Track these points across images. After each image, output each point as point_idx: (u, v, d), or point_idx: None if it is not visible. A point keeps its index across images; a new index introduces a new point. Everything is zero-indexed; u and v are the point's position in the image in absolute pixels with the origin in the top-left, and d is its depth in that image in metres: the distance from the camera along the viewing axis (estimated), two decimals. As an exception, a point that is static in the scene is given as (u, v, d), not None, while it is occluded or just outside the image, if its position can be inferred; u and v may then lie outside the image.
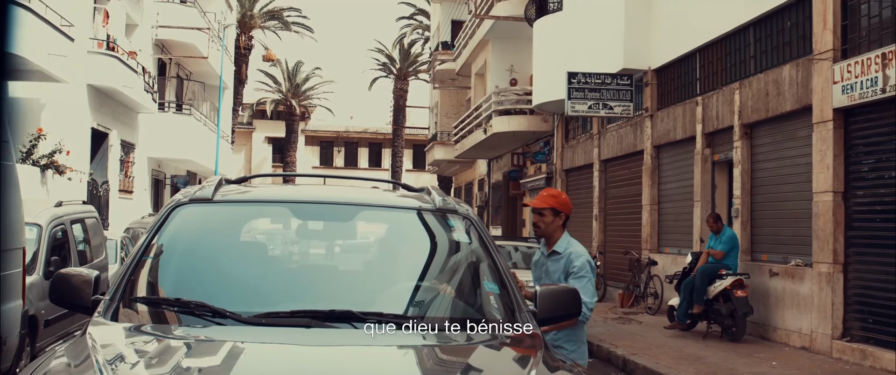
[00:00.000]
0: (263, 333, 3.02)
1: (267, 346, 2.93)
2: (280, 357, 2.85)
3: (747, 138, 13.21)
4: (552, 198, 5.02)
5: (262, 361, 2.80)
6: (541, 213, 4.95)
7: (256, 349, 2.89)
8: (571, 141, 22.77)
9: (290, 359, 2.84)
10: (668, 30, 16.29)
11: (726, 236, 12.42)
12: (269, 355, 2.86)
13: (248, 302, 3.28)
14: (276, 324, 3.06)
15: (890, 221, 9.92)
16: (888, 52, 9.58)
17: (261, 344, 2.93)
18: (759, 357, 10.55)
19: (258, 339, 2.96)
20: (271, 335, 3.02)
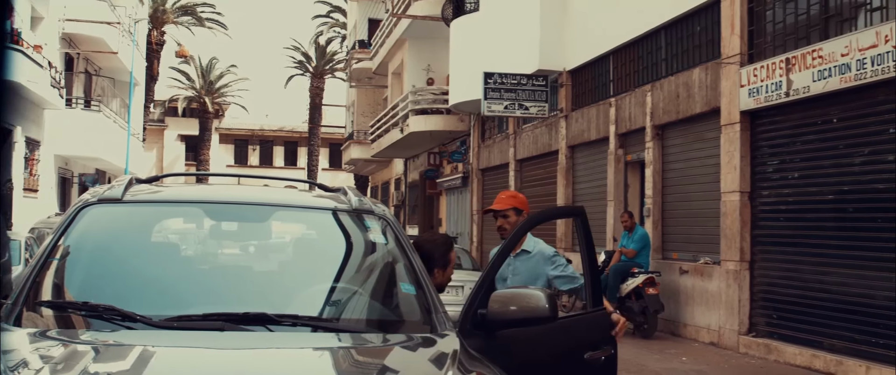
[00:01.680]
0: (174, 337, 2.95)
1: (178, 350, 2.86)
2: (191, 362, 2.79)
3: (659, 139, 13.51)
4: (513, 199, 5.02)
5: (172, 365, 2.73)
6: (505, 215, 4.90)
7: (167, 353, 2.82)
8: (488, 140, 22.93)
9: (202, 363, 2.78)
10: (583, 32, 16.55)
11: (638, 235, 12.69)
12: (179, 359, 2.80)
13: (159, 305, 3.20)
14: (188, 328, 2.99)
15: (793, 220, 10.27)
16: (792, 57, 9.91)
17: (171, 348, 2.86)
18: (670, 352, 10.80)
19: (169, 343, 2.89)
20: (183, 338, 2.95)
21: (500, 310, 3.41)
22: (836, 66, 9.18)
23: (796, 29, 10.23)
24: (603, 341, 4.05)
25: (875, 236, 8.90)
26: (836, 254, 9.45)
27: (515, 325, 3.45)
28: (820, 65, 9.44)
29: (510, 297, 3.45)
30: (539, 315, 3.38)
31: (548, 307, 3.37)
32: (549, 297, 3.41)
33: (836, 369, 9.10)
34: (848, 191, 9.34)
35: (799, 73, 9.77)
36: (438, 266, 4.27)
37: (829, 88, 9.32)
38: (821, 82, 9.43)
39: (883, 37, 8.53)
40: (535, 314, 3.38)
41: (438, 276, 4.28)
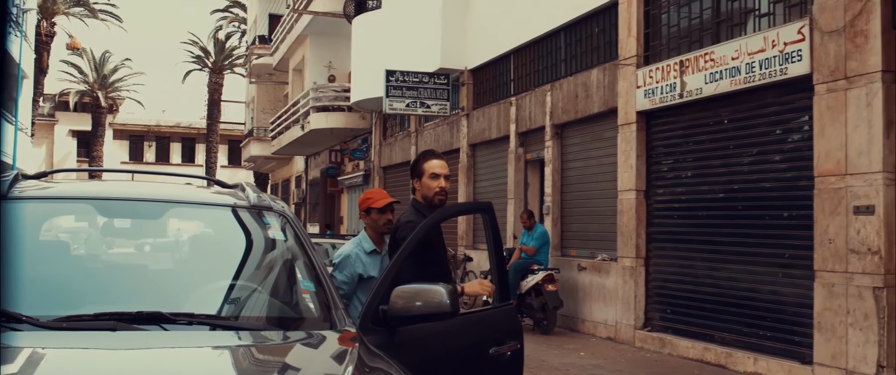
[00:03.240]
0: (65, 338, 2.85)
1: (68, 352, 2.77)
2: (82, 363, 2.70)
3: (558, 138, 13.73)
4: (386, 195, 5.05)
5: (62, 367, 2.64)
6: (393, 209, 4.91)
7: (57, 355, 2.72)
8: (389, 138, 22.91)
9: (94, 364, 2.69)
10: (484, 31, 16.69)
11: (538, 232, 12.87)
12: (70, 361, 2.70)
13: (49, 305, 3.08)
14: (79, 328, 2.89)
15: (686, 218, 10.58)
16: (685, 59, 10.21)
17: (62, 350, 2.76)
18: (569, 348, 10.99)
19: (59, 345, 2.79)
20: (73, 339, 2.85)
21: (401, 306, 3.42)
22: (727, 69, 9.49)
23: (690, 32, 10.54)
24: (509, 335, 4.11)
25: (762, 233, 9.24)
26: (727, 251, 9.78)
27: (417, 321, 3.47)
28: (712, 67, 9.75)
29: (412, 293, 3.46)
30: (440, 311, 3.40)
31: (449, 302, 3.39)
32: (451, 293, 3.43)
33: (726, 361, 9.41)
34: (737, 190, 9.67)
35: (692, 76, 10.07)
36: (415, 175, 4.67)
37: (721, 90, 9.63)
38: (712, 84, 9.74)
39: (770, 42, 8.86)
40: (437, 309, 3.40)
41: (418, 186, 4.66)
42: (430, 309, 3.41)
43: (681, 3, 10.72)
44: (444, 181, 4.71)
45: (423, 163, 4.70)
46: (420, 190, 4.70)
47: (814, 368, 8.14)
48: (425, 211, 4.66)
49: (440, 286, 3.48)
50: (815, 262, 8.16)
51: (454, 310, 3.43)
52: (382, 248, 4.89)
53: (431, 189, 4.65)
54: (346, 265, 4.75)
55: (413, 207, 4.74)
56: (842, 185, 7.87)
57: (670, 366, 9.72)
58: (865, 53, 7.65)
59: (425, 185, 4.65)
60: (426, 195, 4.67)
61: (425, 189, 4.66)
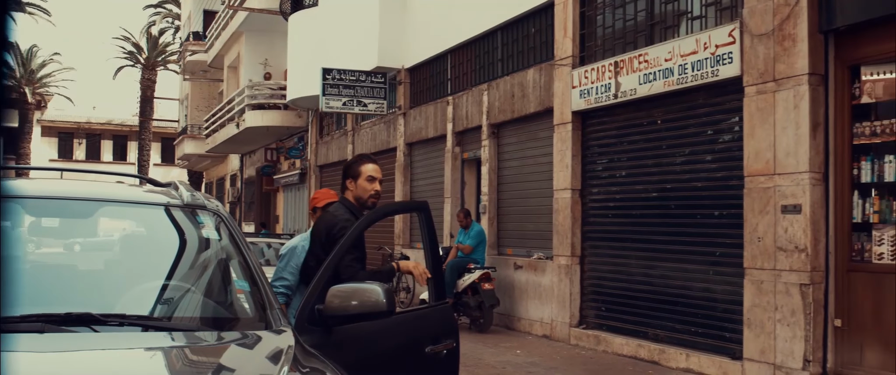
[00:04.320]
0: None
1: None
2: (7, 366, 2.63)
3: (495, 137, 13.80)
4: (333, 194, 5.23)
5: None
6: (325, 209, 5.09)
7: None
8: (326, 137, 22.78)
9: (20, 369, 2.62)
10: (422, 30, 16.69)
11: (474, 231, 12.92)
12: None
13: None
14: (4, 331, 2.81)
15: (620, 216, 10.72)
16: (620, 60, 10.34)
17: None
18: (505, 346, 11.05)
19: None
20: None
21: (338, 306, 3.41)
22: (661, 71, 9.65)
23: (624, 34, 10.68)
24: (445, 334, 4.15)
25: (694, 232, 9.41)
26: (660, 249, 9.94)
27: (353, 320, 3.46)
28: (646, 68, 9.89)
29: (348, 293, 3.45)
30: (376, 310, 3.41)
31: (385, 302, 3.40)
32: (387, 292, 3.44)
33: (659, 357, 9.57)
34: (670, 189, 9.83)
35: (626, 76, 10.21)
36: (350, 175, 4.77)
37: (654, 91, 9.79)
38: (646, 85, 9.89)
39: (702, 44, 9.03)
40: (373, 309, 3.41)
41: (352, 187, 4.74)
42: (366, 308, 3.41)
43: (616, 4, 10.86)
44: (379, 185, 4.85)
45: (361, 165, 4.81)
46: (354, 191, 4.79)
47: (743, 363, 8.32)
48: (357, 211, 4.75)
49: (376, 285, 3.49)
50: (745, 260, 8.34)
51: (390, 310, 3.45)
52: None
53: (367, 191, 4.76)
54: (292, 256, 4.89)
55: (345, 206, 4.79)
56: (770, 185, 8.05)
57: (605, 363, 9.85)
58: (793, 57, 7.85)
59: (361, 187, 4.75)
60: (360, 196, 4.77)
61: (360, 190, 4.77)
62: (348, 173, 4.83)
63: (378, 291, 3.43)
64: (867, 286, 7.44)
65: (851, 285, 7.58)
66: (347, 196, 4.83)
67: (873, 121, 7.53)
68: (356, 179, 4.78)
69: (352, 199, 4.81)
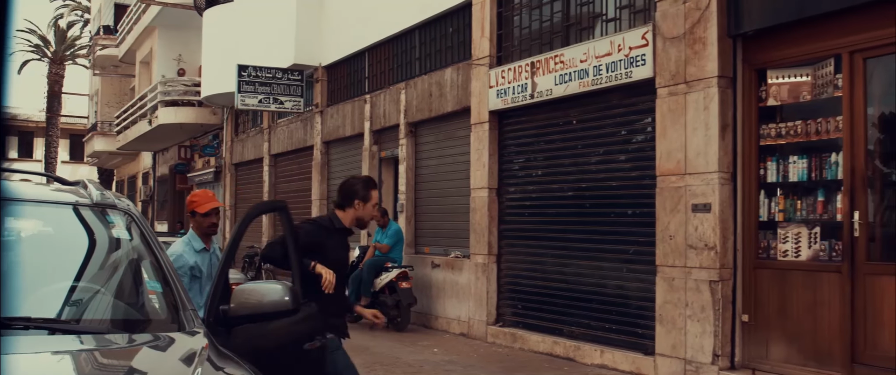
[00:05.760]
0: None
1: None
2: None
3: (412, 136, 13.81)
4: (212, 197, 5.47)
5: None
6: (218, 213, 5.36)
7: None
8: (241, 134, 22.47)
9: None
10: (339, 28, 16.60)
11: (392, 230, 12.91)
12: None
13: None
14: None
15: (537, 215, 10.85)
16: (536, 61, 10.46)
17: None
18: (423, 344, 11.08)
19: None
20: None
21: (244, 305, 3.40)
22: (576, 71, 9.79)
23: (541, 35, 10.81)
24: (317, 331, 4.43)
25: (609, 230, 9.58)
26: (575, 247, 10.09)
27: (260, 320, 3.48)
28: (561, 69, 10.03)
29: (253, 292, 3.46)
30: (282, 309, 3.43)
31: (290, 300, 3.42)
32: (291, 290, 3.46)
33: (574, 354, 9.71)
34: (585, 188, 9.99)
35: (543, 77, 10.33)
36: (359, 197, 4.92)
37: (570, 92, 9.93)
38: (562, 86, 10.03)
39: (616, 46, 9.20)
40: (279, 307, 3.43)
41: (359, 208, 4.93)
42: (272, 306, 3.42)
43: (532, 5, 10.98)
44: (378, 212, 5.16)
45: (371, 190, 5.03)
46: (358, 212, 4.99)
47: (655, 359, 8.51)
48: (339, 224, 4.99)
49: (280, 284, 3.52)
50: (657, 258, 8.53)
51: (295, 308, 3.49)
52: (209, 246, 5.31)
53: (372, 215, 5.06)
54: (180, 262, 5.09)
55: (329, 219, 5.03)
56: (681, 184, 8.25)
57: (521, 360, 9.95)
58: (703, 59, 8.06)
59: (368, 211, 5.00)
60: (362, 218, 5.01)
61: (366, 213, 5.01)
62: (357, 195, 4.98)
63: (283, 290, 3.46)
64: (773, 282, 7.69)
65: (758, 281, 7.83)
66: (346, 214, 4.99)
67: (779, 122, 7.79)
68: (365, 202, 4.96)
69: (351, 218, 4.98)
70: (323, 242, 4.88)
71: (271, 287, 3.48)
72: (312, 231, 4.94)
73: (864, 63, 7.06)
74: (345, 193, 5.04)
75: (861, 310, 6.95)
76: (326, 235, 4.95)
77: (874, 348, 6.88)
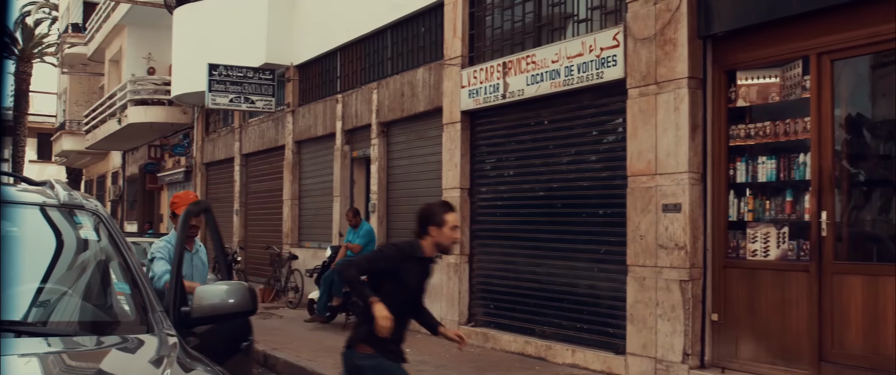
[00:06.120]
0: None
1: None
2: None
3: (384, 136, 13.79)
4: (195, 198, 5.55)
5: None
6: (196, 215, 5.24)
7: None
8: (212, 134, 22.32)
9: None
10: (311, 27, 16.53)
11: (364, 230, 12.87)
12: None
13: None
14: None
15: (508, 215, 10.87)
16: (508, 61, 10.48)
17: None
18: (394, 345, 11.04)
19: None
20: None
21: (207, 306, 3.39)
22: (548, 72, 9.82)
23: (513, 35, 10.83)
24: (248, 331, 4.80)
25: (580, 230, 9.62)
26: (546, 247, 10.12)
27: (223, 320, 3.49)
28: (533, 70, 10.05)
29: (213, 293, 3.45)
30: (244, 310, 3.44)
31: (251, 300, 3.44)
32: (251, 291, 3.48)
33: (546, 353, 9.74)
34: (557, 188, 10.02)
35: (514, 77, 10.35)
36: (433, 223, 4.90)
37: (541, 92, 9.95)
38: (534, 86, 10.05)
39: (588, 46, 9.24)
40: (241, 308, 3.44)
41: (436, 234, 4.91)
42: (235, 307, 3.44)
43: (504, 6, 11.00)
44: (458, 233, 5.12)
45: (445, 214, 5.00)
46: (436, 238, 4.96)
47: (627, 358, 8.55)
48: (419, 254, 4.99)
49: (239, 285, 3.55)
50: (628, 257, 8.57)
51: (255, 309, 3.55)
52: (191, 247, 5.29)
53: (450, 238, 4.99)
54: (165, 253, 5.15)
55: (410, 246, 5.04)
56: (652, 184, 8.30)
57: (493, 360, 9.96)
58: (674, 60, 8.11)
59: (445, 235, 4.94)
60: (441, 242, 4.97)
61: (444, 238, 4.96)
62: (431, 221, 4.97)
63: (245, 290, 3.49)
64: (742, 281, 7.75)
65: (727, 281, 7.89)
66: (426, 241, 4.98)
67: (748, 123, 7.86)
68: (441, 227, 4.94)
69: (430, 245, 4.97)
70: (401, 269, 4.91)
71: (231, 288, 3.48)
72: (393, 256, 4.99)
73: (831, 65, 7.14)
74: (419, 221, 5.05)
75: (828, 309, 7.03)
76: (406, 262, 4.96)
77: (841, 346, 6.97)
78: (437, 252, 5.04)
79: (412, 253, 5.00)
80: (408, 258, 4.98)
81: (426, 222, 4.99)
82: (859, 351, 6.82)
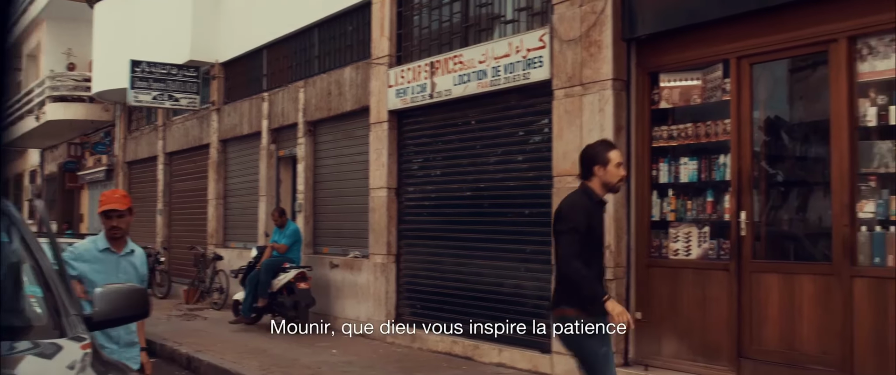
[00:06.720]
0: None
1: None
2: None
3: (311, 135, 13.68)
4: (128, 199, 5.14)
5: None
6: (121, 215, 4.98)
7: None
8: (135, 132, 21.87)
9: None
10: (237, 24, 16.30)
11: (290, 230, 12.75)
12: None
13: None
14: None
15: (436, 215, 10.88)
16: (436, 61, 10.49)
17: None
18: (321, 346, 10.97)
19: None
20: None
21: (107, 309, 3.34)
22: (475, 72, 9.85)
23: (440, 35, 10.84)
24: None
25: (506, 229, 9.67)
26: (474, 247, 10.15)
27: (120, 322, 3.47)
28: (461, 70, 10.08)
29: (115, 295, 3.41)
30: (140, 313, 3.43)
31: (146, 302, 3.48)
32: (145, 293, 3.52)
33: (473, 353, 9.77)
34: (484, 188, 10.06)
35: (442, 77, 10.36)
36: (598, 162, 4.96)
37: (469, 92, 9.98)
38: (461, 86, 10.08)
39: (514, 47, 9.29)
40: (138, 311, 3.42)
41: (601, 173, 4.97)
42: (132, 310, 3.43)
43: (432, 5, 11.00)
44: (624, 169, 5.11)
45: (608, 152, 5.05)
46: (603, 177, 5.00)
47: (552, 356, 8.63)
48: (595, 197, 5.01)
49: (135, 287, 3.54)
50: (554, 257, 8.64)
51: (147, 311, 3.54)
52: (120, 249, 5.00)
53: (617, 176, 5.02)
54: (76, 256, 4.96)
55: (584, 193, 5.04)
56: (577, 184, 8.36)
57: (420, 360, 9.96)
58: (599, 62, 8.21)
59: (611, 172, 4.99)
60: (609, 182, 5.01)
61: (610, 176, 5.01)
62: (596, 160, 5.00)
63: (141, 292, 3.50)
64: (664, 280, 7.89)
65: (650, 280, 8.03)
66: (593, 183, 5.01)
67: (670, 125, 8.00)
68: (606, 165, 4.97)
69: (599, 185, 5.00)
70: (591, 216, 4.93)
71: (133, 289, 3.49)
72: (587, 206, 4.96)
73: (750, 68, 7.32)
74: (583, 164, 5.08)
75: (747, 307, 7.20)
76: (593, 209, 5.00)
77: (759, 343, 7.15)
78: (605, 192, 5.06)
79: (592, 197, 5.02)
80: (593, 205, 5.01)
81: (590, 163, 5.02)
82: (776, 347, 7.00)
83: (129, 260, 5.00)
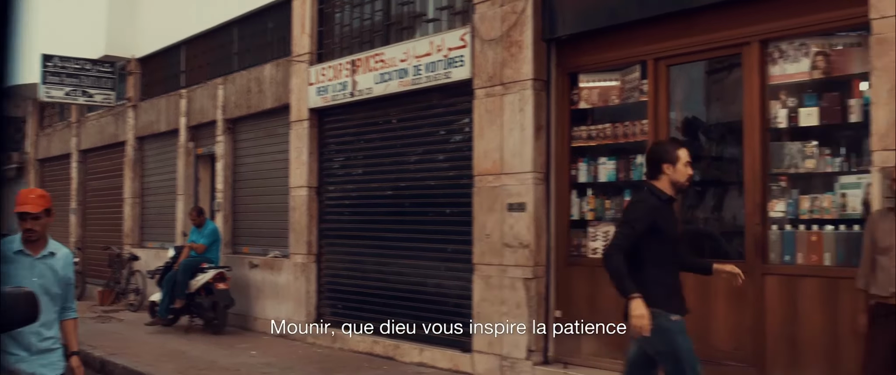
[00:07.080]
0: None
1: None
2: None
3: (230, 133, 13.45)
4: (46, 199, 4.80)
5: None
6: (36, 217, 4.67)
7: None
8: (47, 129, 21.23)
9: None
10: (154, 19, 15.93)
11: (208, 230, 12.52)
12: None
13: None
14: None
15: (357, 214, 10.81)
16: (357, 59, 10.41)
17: None
18: (240, 347, 10.80)
19: None
20: None
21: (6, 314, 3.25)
22: (396, 71, 9.80)
23: (361, 33, 10.76)
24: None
25: (428, 229, 9.65)
26: (395, 246, 10.11)
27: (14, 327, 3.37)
28: (382, 68, 10.02)
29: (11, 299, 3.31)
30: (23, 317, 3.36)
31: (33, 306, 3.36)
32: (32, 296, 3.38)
33: (394, 353, 9.73)
34: (405, 187, 10.03)
35: (363, 75, 10.28)
36: (667, 161, 4.96)
37: (390, 91, 9.93)
38: (382, 84, 10.02)
39: (436, 46, 9.27)
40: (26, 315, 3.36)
41: (670, 172, 4.96)
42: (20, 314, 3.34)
43: (354, 3, 10.92)
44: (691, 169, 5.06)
45: (677, 150, 5.03)
46: (672, 176, 4.97)
47: (473, 356, 8.65)
48: (664, 196, 4.96)
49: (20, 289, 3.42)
50: (475, 256, 8.67)
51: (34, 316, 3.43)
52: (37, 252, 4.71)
53: (685, 174, 5.00)
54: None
55: (651, 193, 4.99)
56: (498, 184, 8.42)
57: (340, 360, 9.88)
58: (519, 62, 8.25)
59: (680, 171, 4.97)
60: (677, 181, 4.99)
61: (679, 175, 4.98)
62: (665, 158, 4.98)
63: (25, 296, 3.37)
64: (583, 279, 7.97)
65: (570, 278, 8.09)
66: (662, 181, 4.99)
67: (590, 125, 8.09)
68: (675, 164, 4.95)
69: (667, 184, 4.99)
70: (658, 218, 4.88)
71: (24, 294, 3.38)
72: (654, 205, 4.92)
73: (667, 69, 7.43)
74: (651, 163, 5.05)
75: (663, 305, 7.30)
76: (661, 209, 4.94)
77: (675, 340, 7.25)
78: (673, 191, 5.02)
79: (660, 197, 4.97)
80: (662, 204, 4.96)
81: (659, 161, 4.99)
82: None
83: (48, 263, 4.73)
